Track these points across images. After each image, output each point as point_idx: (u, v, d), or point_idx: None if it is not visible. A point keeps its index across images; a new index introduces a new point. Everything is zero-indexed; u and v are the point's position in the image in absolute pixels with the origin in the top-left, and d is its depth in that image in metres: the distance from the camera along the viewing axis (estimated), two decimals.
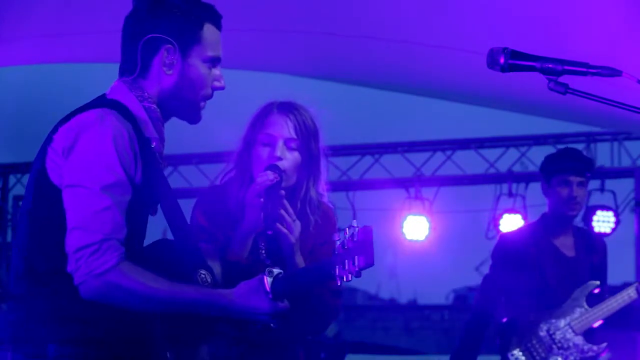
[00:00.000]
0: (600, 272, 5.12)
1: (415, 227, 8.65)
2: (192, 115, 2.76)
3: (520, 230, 5.44)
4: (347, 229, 2.58)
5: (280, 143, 3.38)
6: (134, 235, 2.60)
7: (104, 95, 2.68)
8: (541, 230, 5.08)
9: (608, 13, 4.73)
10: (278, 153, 3.37)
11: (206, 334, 3.45)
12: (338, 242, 2.60)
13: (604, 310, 4.97)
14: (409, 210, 8.65)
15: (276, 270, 2.64)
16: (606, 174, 8.54)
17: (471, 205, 8.77)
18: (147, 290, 2.50)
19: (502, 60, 2.51)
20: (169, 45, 2.64)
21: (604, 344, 5.00)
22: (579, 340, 4.96)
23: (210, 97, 2.76)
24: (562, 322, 4.97)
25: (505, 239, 5.28)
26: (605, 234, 8.26)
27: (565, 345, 4.94)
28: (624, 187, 8.55)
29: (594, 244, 5.16)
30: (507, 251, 5.07)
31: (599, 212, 8.26)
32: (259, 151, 3.40)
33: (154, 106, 2.65)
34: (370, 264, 2.53)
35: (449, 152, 8.94)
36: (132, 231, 2.57)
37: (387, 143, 9.07)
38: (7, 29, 5.05)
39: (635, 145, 8.53)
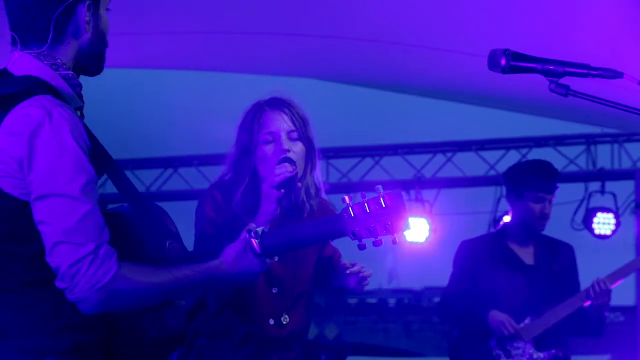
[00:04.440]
0: (561, 278, 5.05)
1: (416, 230, 8.64)
2: (100, 67, 2.57)
3: (481, 237, 5.35)
4: (362, 195, 2.49)
5: (284, 136, 3.40)
6: None
7: (14, 76, 2.40)
8: (502, 238, 5.07)
9: (609, 15, 4.73)
10: (285, 146, 3.38)
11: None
12: (352, 204, 2.49)
13: (553, 317, 4.90)
14: (410, 213, 8.62)
15: (260, 229, 2.56)
16: (607, 176, 8.53)
17: (472, 208, 8.76)
18: (152, 288, 2.36)
19: (503, 62, 2.51)
20: (89, 2, 2.48)
21: (553, 351, 4.93)
22: (529, 347, 4.90)
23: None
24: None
25: (466, 245, 5.18)
26: (606, 236, 8.26)
27: (514, 354, 4.88)
28: (624, 189, 8.54)
29: (557, 252, 5.10)
30: (467, 258, 5.05)
31: (599, 215, 8.26)
32: (263, 151, 3.40)
33: (71, 73, 2.47)
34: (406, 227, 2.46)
35: (449, 154, 8.93)
36: None
37: (387, 145, 9.06)
38: None
39: (636, 147, 8.53)
